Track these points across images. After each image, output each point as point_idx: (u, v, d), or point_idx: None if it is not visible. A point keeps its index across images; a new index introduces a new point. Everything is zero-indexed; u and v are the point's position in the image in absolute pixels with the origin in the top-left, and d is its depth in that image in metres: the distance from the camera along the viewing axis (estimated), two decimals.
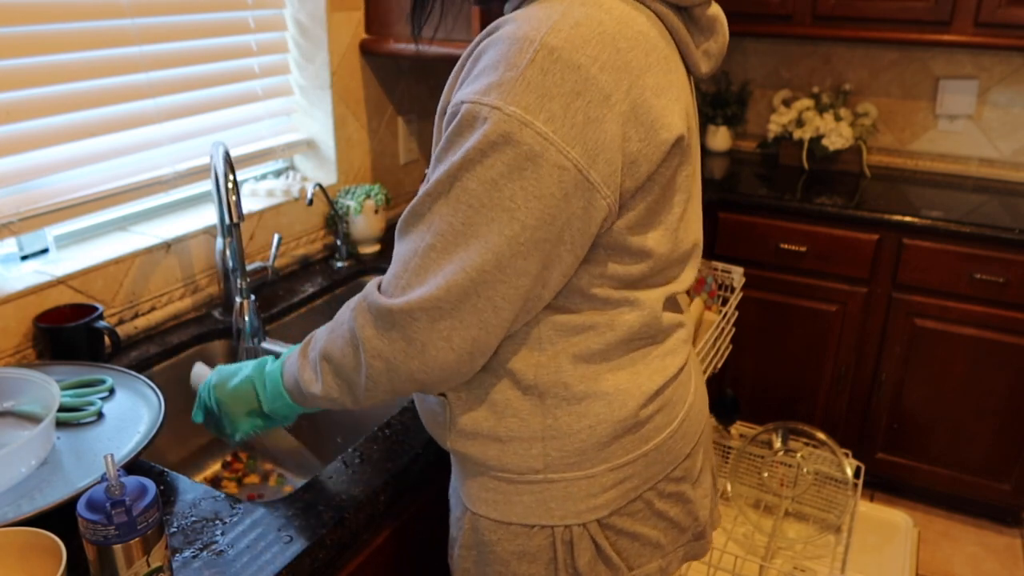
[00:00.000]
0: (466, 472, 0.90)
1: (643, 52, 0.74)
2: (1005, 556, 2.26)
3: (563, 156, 0.70)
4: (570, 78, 0.69)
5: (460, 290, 0.73)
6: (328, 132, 1.76)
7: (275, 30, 1.67)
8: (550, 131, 0.69)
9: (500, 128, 0.69)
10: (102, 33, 1.30)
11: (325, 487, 0.96)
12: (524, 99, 0.69)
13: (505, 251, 0.72)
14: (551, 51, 0.69)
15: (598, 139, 0.71)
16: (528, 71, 0.69)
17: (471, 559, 0.92)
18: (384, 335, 0.77)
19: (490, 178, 0.70)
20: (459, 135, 0.72)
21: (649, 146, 0.74)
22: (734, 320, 1.92)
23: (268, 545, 0.86)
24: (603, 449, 0.84)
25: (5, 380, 1.02)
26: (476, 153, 0.70)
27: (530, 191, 0.70)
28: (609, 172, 0.72)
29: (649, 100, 0.73)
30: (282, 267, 1.66)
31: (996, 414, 2.23)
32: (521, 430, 0.84)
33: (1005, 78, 2.47)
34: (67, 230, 1.37)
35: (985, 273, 2.12)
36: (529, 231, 0.72)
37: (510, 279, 0.73)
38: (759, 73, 2.80)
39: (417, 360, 0.77)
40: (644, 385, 0.85)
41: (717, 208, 2.40)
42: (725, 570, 1.65)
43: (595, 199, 0.73)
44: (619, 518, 0.88)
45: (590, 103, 0.70)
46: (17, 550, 0.76)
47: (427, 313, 0.74)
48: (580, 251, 0.76)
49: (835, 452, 1.90)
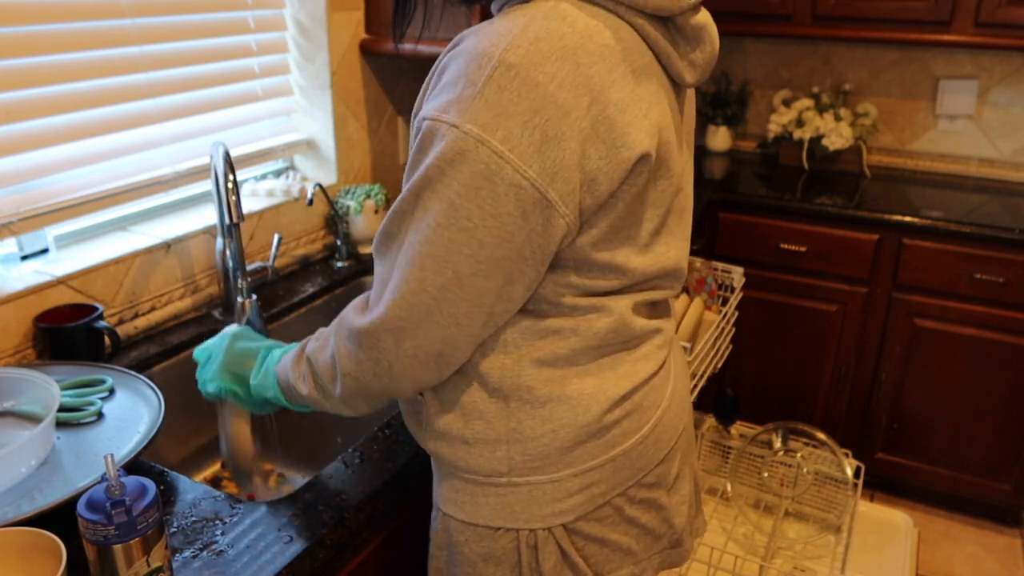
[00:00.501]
0: (439, 473, 0.91)
1: (606, 67, 0.72)
2: (1005, 556, 2.26)
3: (520, 175, 0.69)
4: (528, 95, 0.68)
5: (423, 308, 0.74)
6: (328, 132, 1.76)
7: (275, 30, 1.67)
8: (506, 150, 0.69)
9: (456, 146, 0.69)
10: (102, 33, 1.30)
11: (325, 487, 0.96)
12: (481, 117, 0.68)
13: (464, 270, 0.72)
14: (508, 68, 0.68)
15: (556, 157, 0.70)
16: (486, 88, 0.69)
17: (443, 559, 0.92)
18: (354, 356, 0.80)
19: (448, 197, 0.71)
20: (420, 152, 0.72)
21: (610, 164, 0.73)
22: (734, 320, 1.92)
23: (268, 545, 0.86)
24: (567, 454, 0.84)
25: (5, 380, 1.02)
26: (435, 171, 0.71)
27: (487, 210, 0.70)
28: (568, 190, 0.72)
29: (612, 116, 0.72)
30: (282, 267, 1.66)
31: (996, 414, 2.23)
32: (486, 432, 0.84)
33: (1005, 78, 2.47)
34: (67, 230, 1.37)
35: (985, 273, 2.12)
36: (488, 249, 0.72)
37: (471, 296, 0.74)
38: (759, 73, 2.80)
39: (386, 378, 0.80)
40: (610, 390, 0.85)
41: (717, 208, 2.40)
42: (725, 570, 1.65)
43: (553, 217, 0.72)
44: (586, 523, 0.87)
45: (548, 121, 0.69)
46: (17, 550, 0.76)
47: (391, 333, 0.76)
48: (541, 266, 0.76)
49: (835, 452, 1.90)
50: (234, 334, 1.03)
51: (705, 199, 2.32)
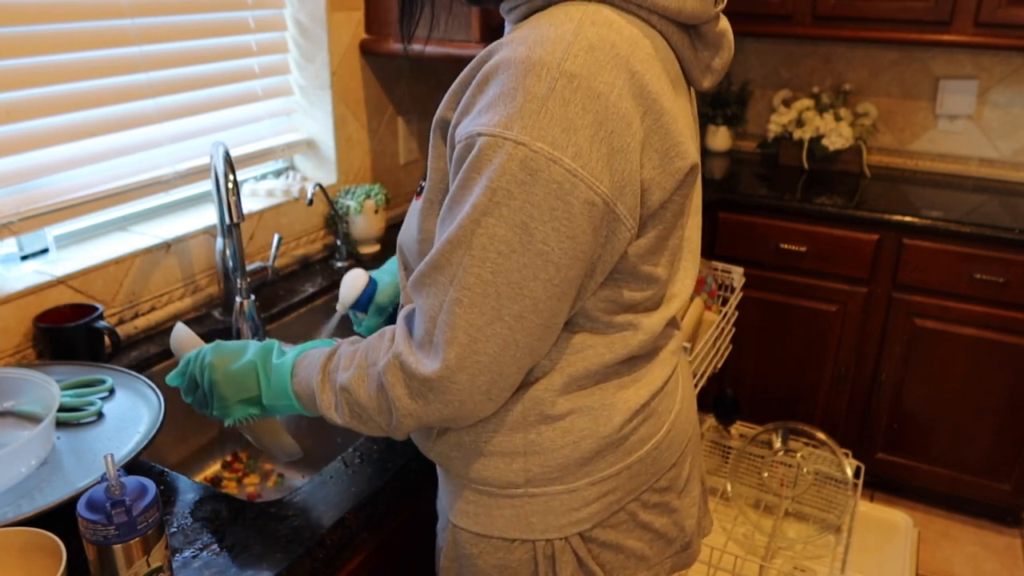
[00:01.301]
0: (449, 483, 0.89)
1: (655, 76, 0.71)
2: (1005, 556, 2.26)
3: (593, 192, 0.67)
4: (591, 108, 0.66)
5: (499, 340, 0.70)
6: (328, 132, 1.76)
7: (275, 30, 1.67)
8: (579, 167, 0.66)
9: (528, 166, 0.65)
10: (102, 33, 1.30)
11: (325, 487, 0.96)
12: (550, 133, 0.65)
13: (541, 295, 0.69)
14: (571, 79, 0.66)
15: (623, 170, 0.68)
16: (550, 102, 0.65)
17: (454, 571, 0.90)
18: (419, 399, 0.75)
19: (520, 221, 0.66)
20: (475, 171, 0.67)
21: (663, 174, 0.72)
22: (734, 320, 1.92)
23: (268, 545, 0.86)
24: (586, 464, 0.82)
25: (5, 380, 1.02)
26: (503, 195, 0.66)
27: (563, 231, 0.67)
28: (633, 203, 0.70)
29: (667, 126, 0.71)
30: (282, 267, 1.66)
31: (996, 414, 2.23)
32: (503, 445, 0.82)
33: (1005, 78, 2.47)
34: (67, 230, 1.37)
35: (985, 273, 2.12)
36: (564, 271, 0.69)
37: (547, 320, 0.71)
38: (759, 73, 2.80)
39: (452, 411, 0.75)
40: (632, 400, 0.83)
41: (717, 208, 2.40)
42: (725, 570, 1.65)
43: (619, 230, 0.71)
44: (602, 530, 0.86)
45: (613, 133, 0.67)
46: (17, 550, 0.76)
47: (466, 371, 0.71)
48: (601, 278, 0.75)
49: (835, 452, 1.90)
50: (212, 364, 0.90)
51: (705, 199, 2.32)
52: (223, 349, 0.92)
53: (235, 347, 0.92)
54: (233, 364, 0.90)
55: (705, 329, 1.75)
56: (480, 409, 0.75)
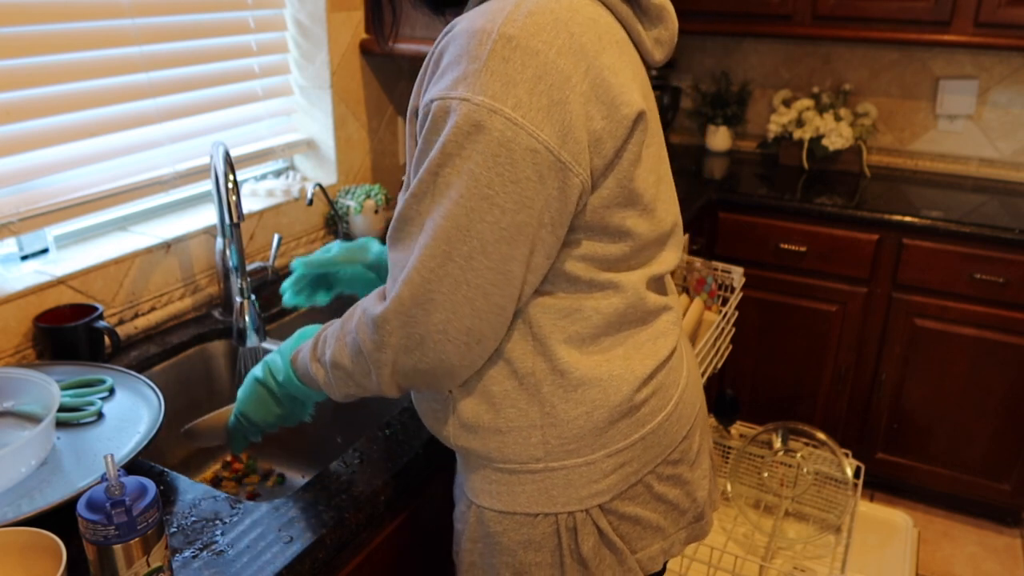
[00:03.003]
0: (469, 466, 0.92)
1: (595, 35, 0.77)
2: (1005, 556, 2.26)
3: (534, 139, 0.72)
4: (531, 63, 0.72)
5: (451, 280, 0.75)
6: (328, 132, 1.76)
7: (275, 30, 1.67)
8: (519, 116, 0.72)
9: (471, 118, 0.71)
10: (102, 33, 1.30)
11: (325, 487, 0.96)
12: (490, 88, 0.71)
13: (489, 237, 0.74)
14: (509, 39, 0.72)
15: (564, 120, 0.73)
16: (490, 60, 0.72)
17: (477, 552, 0.93)
18: (384, 344, 0.80)
19: (468, 168, 0.73)
20: (433, 132, 0.74)
21: (612, 123, 0.77)
22: (734, 320, 1.92)
23: (268, 545, 0.86)
24: (601, 435, 0.86)
25: (5, 380, 1.02)
26: (452, 146, 0.73)
27: (507, 176, 0.73)
28: (578, 150, 0.75)
29: (608, 79, 0.76)
30: (282, 267, 1.66)
31: (996, 414, 2.23)
32: (520, 420, 0.86)
33: (1005, 78, 2.47)
34: (67, 230, 1.37)
35: (985, 273, 2.12)
36: (509, 215, 0.74)
37: (497, 264, 0.75)
38: (759, 73, 2.80)
39: (417, 352, 0.79)
40: (637, 369, 0.87)
41: (717, 208, 2.40)
42: (725, 570, 1.65)
43: (569, 178, 0.75)
44: (620, 502, 0.89)
45: (552, 86, 0.72)
46: (17, 550, 0.76)
47: (421, 307, 0.77)
48: (560, 231, 0.78)
49: (835, 452, 1.90)
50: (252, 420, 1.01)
51: (705, 199, 2.32)
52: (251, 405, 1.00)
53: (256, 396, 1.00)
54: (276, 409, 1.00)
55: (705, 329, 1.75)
56: (445, 351, 0.79)
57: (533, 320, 0.84)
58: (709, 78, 2.89)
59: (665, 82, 2.87)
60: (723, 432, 2.08)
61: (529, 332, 0.84)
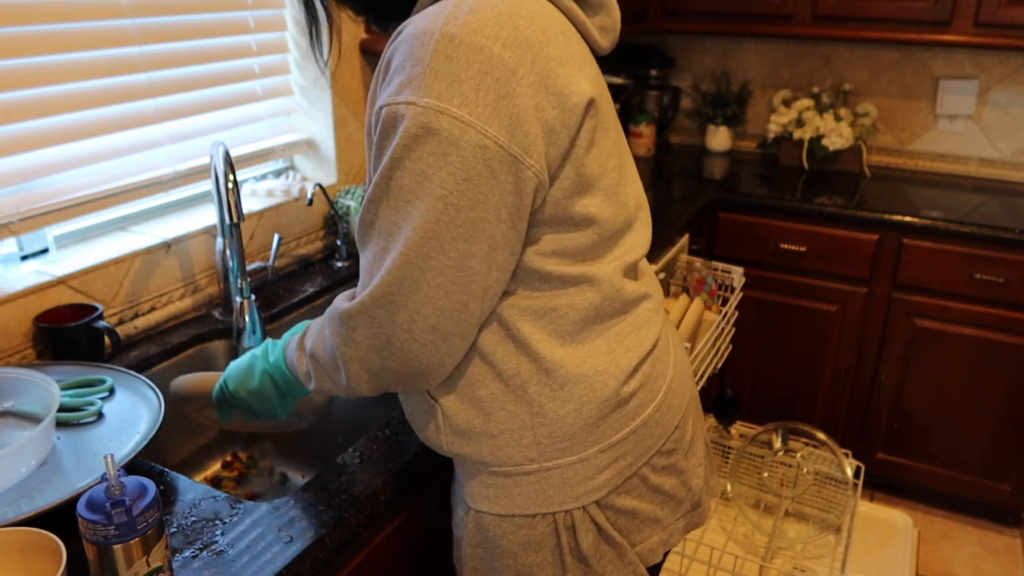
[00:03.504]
0: (465, 472, 0.92)
1: (540, 28, 0.77)
2: (1005, 556, 2.26)
3: (482, 135, 0.73)
4: (475, 59, 0.72)
5: (411, 280, 0.76)
6: (328, 132, 1.76)
7: (275, 30, 1.67)
8: (465, 114, 0.72)
9: (418, 121, 0.72)
10: (102, 33, 1.30)
11: (325, 487, 0.96)
12: (435, 88, 0.72)
13: (446, 236, 0.75)
14: (451, 38, 0.72)
15: (512, 113, 0.73)
16: (433, 62, 0.72)
17: (478, 557, 0.93)
18: (350, 340, 0.81)
19: (419, 170, 0.73)
20: (385, 138, 0.76)
21: (563, 112, 0.77)
22: (734, 320, 1.92)
23: (268, 545, 0.86)
24: (592, 431, 0.87)
25: (5, 380, 1.02)
26: (402, 150, 0.74)
27: (458, 174, 0.73)
28: (529, 142, 0.75)
29: (555, 70, 0.77)
30: (282, 267, 1.66)
31: (996, 414, 2.23)
32: (510, 422, 0.86)
33: (1005, 78, 2.47)
34: (67, 230, 1.37)
35: (985, 273, 2.12)
36: (465, 213, 0.74)
37: (456, 262, 0.76)
38: (759, 73, 2.80)
39: (385, 352, 0.80)
40: (622, 363, 0.88)
41: (717, 208, 2.40)
42: (725, 570, 1.65)
43: (522, 170, 0.75)
44: (617, 497, 0.90)
45: (499, 80, 0.73)
46: (17, 550, 0.76)
47: (384, 308, 0.78)
48: (520, 225, 0.79)
49: (835, 452, 1.90)
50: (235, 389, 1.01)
51: (705, 199, 2.32)
52: (236, 373, 1.01)
53: (242, 367, 1.01)
54: (251, 384, 1.00)
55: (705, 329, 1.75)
56: (412, 351, 0.79)
57: (511, 323, 0.84)
58: (709, 78, 2.89)
59: (665, 82, 2.87)
60: (723, 432, 2.08)
61: (508, 335, 0.84)
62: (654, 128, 2.78)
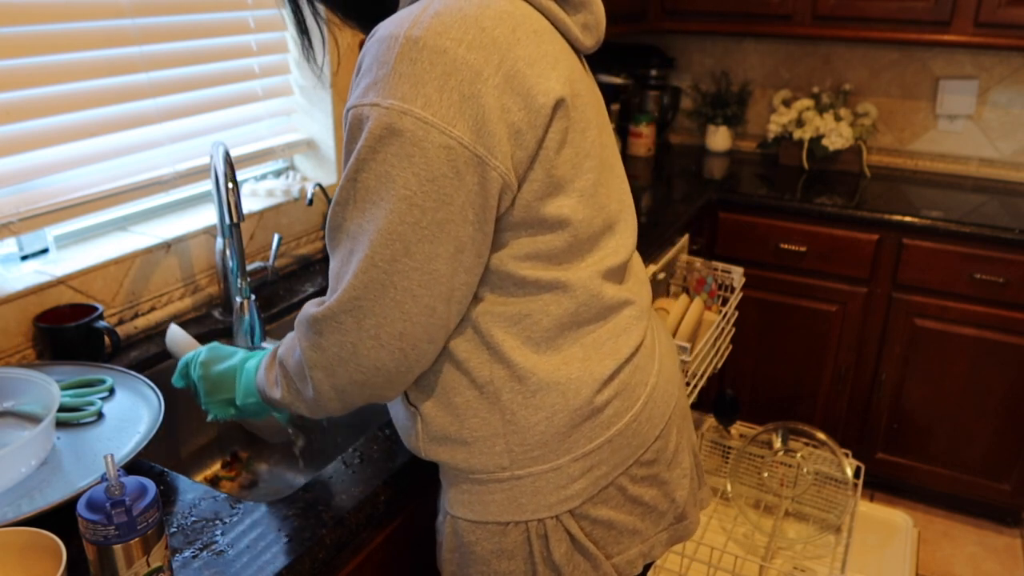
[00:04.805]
0: (445, 478, 0.92)
1: (509, 28, 0.76)
2: (1005, 556, 2.26)
3: (447, 136, 0.72)
4: (438, 62, 0.72)
5: (378, 284, 0.75)
6: (328, 132, 1.76)
7: (275, 30, 1.67)
8: (429, 115, 0.72)
9: (382, 122, 0.72)
10: (102, 33, 1.30)
11: (325, 487, 0.96)
12: (399, 90, 0.72)
13: (411, 237, 0.74)
14: (415, 41, 0.72)
15: (477, 114, 0.73)
16: (398, 64, 0.73)
17: (455, 562, 0.93)
18: (317, 346, 0.80)
19: (383, 171, 0.73)
20: (351, 141, 0.76)
21: (530, 113, 0.76)
22: (734, 320, 1.92)
23: (268, 545, 0.86)
24: (564, 440, 0.86)
25: (5, 380, 1.02)
26: (367, 152, 0.73)
27: (423, 175, 0.73)
28: (494, 143, 0.74)
29: (522, 71, 0.76)
30: (282, 267, 1.66)
31: (996, 414, 2.23)
32: (483, 429, 0.85)
33: (1005, 78, 2.47)
34: (67, 230, 1.37)
35: (985, 273, 2.12)
36: (430, 214, 0.74)
37: (422, 265, 0.75)
38: (759, 73, 2.80)
39: (352, 363, 0.79)
40: (596, 371, 0.86)
41: (717, 208, 2.40)
42: (725, 570, 1.65)
43: (487, 171, 0.75)
44: (592, 506, 0.88)
45: (463, 81, 0.73)
46: (17, 550, 0.76)
47: (351, 314, 0.77)
48: (488, 227, 0.78)
49: (835, 452, 1.90)
50: (203, 362, 1.00)
51: (705, 199, 2.32)
52: (216, 351, 1.01)
53: (227, 350, 1.01)
54: (219, 365, 0.99)
55: (705, 329, 1.75)
56: (379, 358, 0.79)
57: (484, 329, 0.83)
58: (709, 78, 2.89)
59: (665, 82, 2.87)
60: (723, 432, 2.08)
61: (483, 342, 0.84)
62: (654, 128, 2.78)
